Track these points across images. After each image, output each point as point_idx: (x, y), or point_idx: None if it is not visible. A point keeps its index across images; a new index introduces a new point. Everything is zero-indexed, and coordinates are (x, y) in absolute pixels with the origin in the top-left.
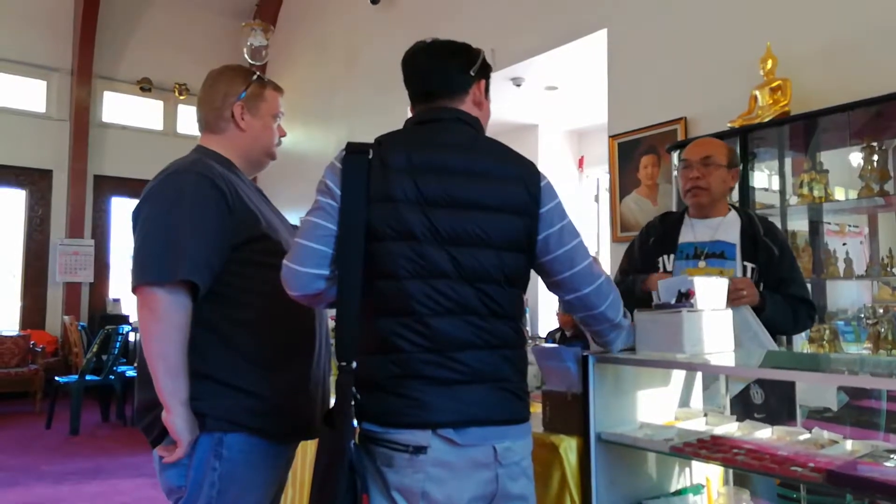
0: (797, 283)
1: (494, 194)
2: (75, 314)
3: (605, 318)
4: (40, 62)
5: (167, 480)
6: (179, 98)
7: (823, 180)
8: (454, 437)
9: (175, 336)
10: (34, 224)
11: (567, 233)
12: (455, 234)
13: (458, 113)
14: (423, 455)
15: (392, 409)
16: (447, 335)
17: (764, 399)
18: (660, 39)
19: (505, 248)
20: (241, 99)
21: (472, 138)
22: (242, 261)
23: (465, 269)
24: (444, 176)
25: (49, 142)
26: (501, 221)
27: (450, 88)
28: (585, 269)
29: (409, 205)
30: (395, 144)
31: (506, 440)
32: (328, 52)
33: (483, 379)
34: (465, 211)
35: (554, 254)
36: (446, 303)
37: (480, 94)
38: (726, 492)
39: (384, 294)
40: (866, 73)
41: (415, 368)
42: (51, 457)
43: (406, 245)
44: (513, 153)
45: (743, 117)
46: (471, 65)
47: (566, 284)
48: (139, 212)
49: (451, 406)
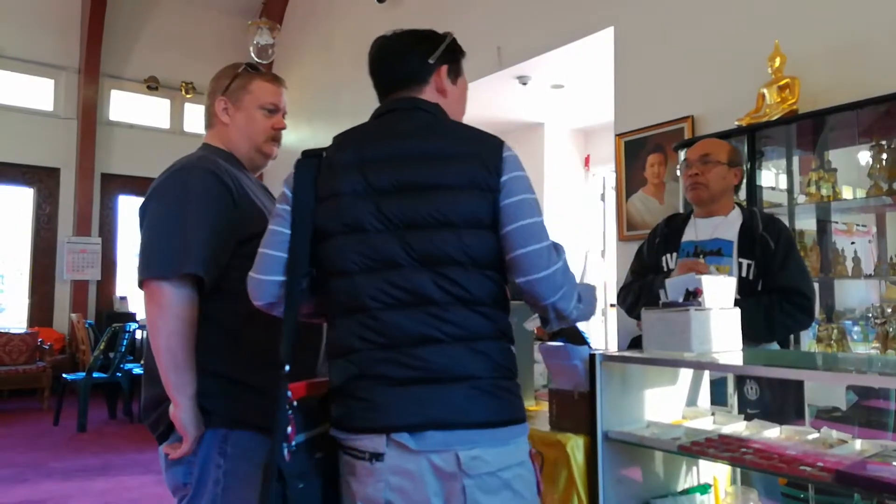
0: (787, 271)
1: (449, 174)
2: (83, 312)
3: (553, 310)
4: (48, 61)
5: (172, 477)
6: (186, 97)
7: (831, 179)
8: (409, 442)
9: (182, 330)
10: (42, 222)
11: (526, 207)
12: (407, 219)
13: (416, 101)
14: (380, 462)
15: (348, 413)
16: (401, 330)
17: (759, 395)
18: (667, 37)
19: (466, 227)
20: (225, 93)
21: (428, 124)
22: (248, 256)
23: (419, 253)
24: (394, 164)
25: (56, 140)
26: (459, 200)
27: (408, 79)
28: (539, 252)
29: (356, 198)
30: (347, 141)
31: (474, 447)
32: (334, 50)
33: (446, 377)
34: (416, 194)
35: (507, 227)
36: (399, 294)
37: (442, 81)
38: (734, 491)
39: (338, 293)
40: (875, 71)
41: (369, 368)
42: (58, 453)
43: (355, 239)
44: (474, 132)
45: (750, 115)
46: (430, 53)
47: (515, 265)
48: (146, 208)
49: (406, 407)
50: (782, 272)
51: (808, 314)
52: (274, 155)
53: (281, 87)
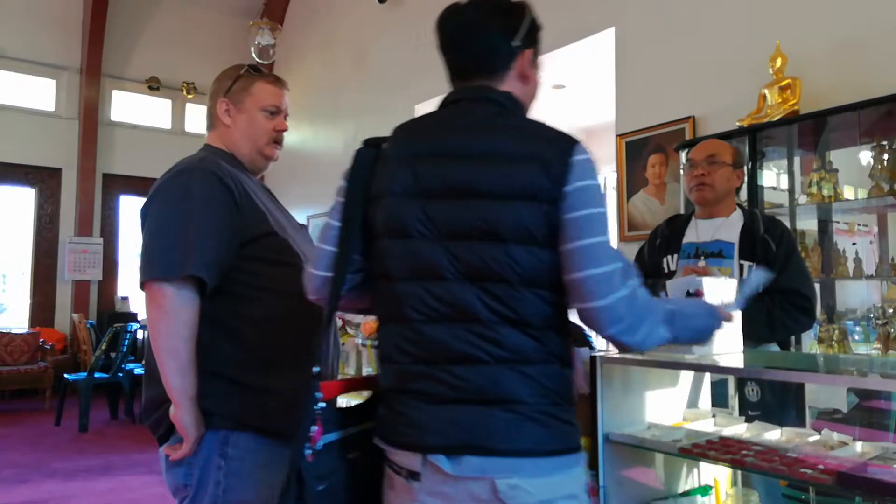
0: (789, 273)
1: (499, 178)
2: (84, 312)
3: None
4: (49, 61)
5: (173, 479)
6: (188, 97)
7: (833, 179)
8: (445, 465)
9: (183, 332)
10: (43, 222)
11: (590, 224)
12: (453, 227)
13: (483, 90)
14: (416, 482)
15: (388, 425)
16: (442, 345)
17: (760, 397)
18: (668, 38)
19: (515, 242)
20: (226, 95)
21: (490, 116)
22: (250, 258)
23: (464, 266)
24: (443, 161)
25: (58, 140)
26: (509, 210)
27: (489, 65)
28: (598, 278)
29: (404, 198)
30: (404, 132)
31: (512, 476)
32: (335, 51)
33: (486, 399)
34: (464, 199)
35: (566, 245)
36: (441, 307)
37: (526, 66)
38: (734, 493)
39: (382, 297)
40: (876, 71)
41: (407, 382)
42: (60, 454)
43: (399, 243)
44: (541, 130)
45: (752, 116)
46: (514, 31)
47: (572, 289)
48: (147, 209)
49: (442, 428)
50: (783, 274)
51: (810, 316)
52: (275, 157)
53: (283, 88)
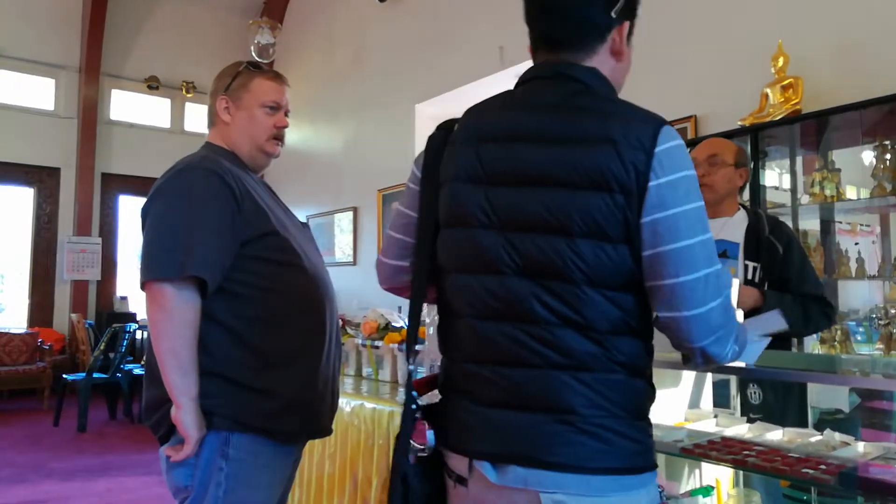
0: (809, 282)
1: (570, 164)
2: (83, 312)
3: (702, 355)
4: (48, 60)
5: (174, 480)
6: (187, 96)
7: (835, 179)
8: (489, 473)
9: (184, 332)
10: (42, 222)
11: (684, 224)
12: (515, 216)
13: (567, 67)
14: (464, 487)
15: (440, 426)
16: (493, 345)
17: (762, 397)
18: (670, 36)
19: (583, 236)
20: (226, 92)
21: (569, 95)
22: (252, 257)
23: (523, 259)
24: (510, 144)
25: (57, 140)
26: (578, 200)
27: (583, 33)
28: (693, 284)
29: (467, 183)
30: (474, 113)
31: (557, 491)
32: (335, 49)
33: (535, 406)
34: (530, 186)
35: (656, 249)
36: (494, 303)
37: (622, 41)
38: (736, 494)
39: (443, 290)
40: (878, 71)
41: (458, 381)
42: (59, 454)
43: (459, 232)
44: (624, 109)
45: (754, 115)
46: (613, 2)
47: (658, 295)
48: (148, 208)
49: (488, 433)
50: (804, 284)
51: (832, 321)
52: (277, 154)
53: (283, 84)
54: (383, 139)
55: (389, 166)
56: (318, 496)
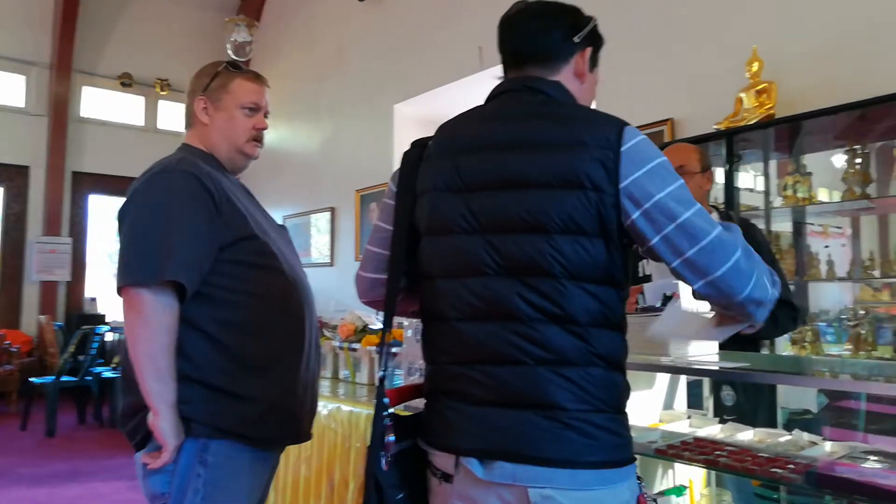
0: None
1: (541, 166)
2: (51, 314)
3: (752, 303)
4: (19, 56)
5: (150, 486)
6: (161, 94)
7: (807, 182)
8: (476, 470)
9: (162, 338)
10: (10, 221)
11: (672, 206)
12: (495, 219)
13: (534, 81)
14: (448, 484)
15: (428, 425)
16: (478, 345)
17: (734, 398)
18: (647, 41)
19: (560, 232)
20: (204, 92)
21: (536, 105)
22: (230, 261)
23: (505, 259)
24: (485, 153)
25: (27, 137)
26: (553, 198)
27: (547, 53)
28: (710, 247)
29: (446, 193)
30: (448, 128)
31: (545, 486)
32: (314, 48)
33: (523, 403)
34: (506, 190)
35: (661, 233)
36: (478, 304)
37: (584, 65)
38: (708, 493)
39: (424, 297)
40: (850, 76)
41: (445, 382)
42: (27, 459)
43: (440, 240)
44: (588, 115)
45: (729, 119)
46: (577, 30)
47: (684, 272)
48: (125, 211)
49: (476, 431)
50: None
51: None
52: (256, 155)
53: (262, 85)
54: (362, 139)
55: (368, 166)
56: (293, 499)
